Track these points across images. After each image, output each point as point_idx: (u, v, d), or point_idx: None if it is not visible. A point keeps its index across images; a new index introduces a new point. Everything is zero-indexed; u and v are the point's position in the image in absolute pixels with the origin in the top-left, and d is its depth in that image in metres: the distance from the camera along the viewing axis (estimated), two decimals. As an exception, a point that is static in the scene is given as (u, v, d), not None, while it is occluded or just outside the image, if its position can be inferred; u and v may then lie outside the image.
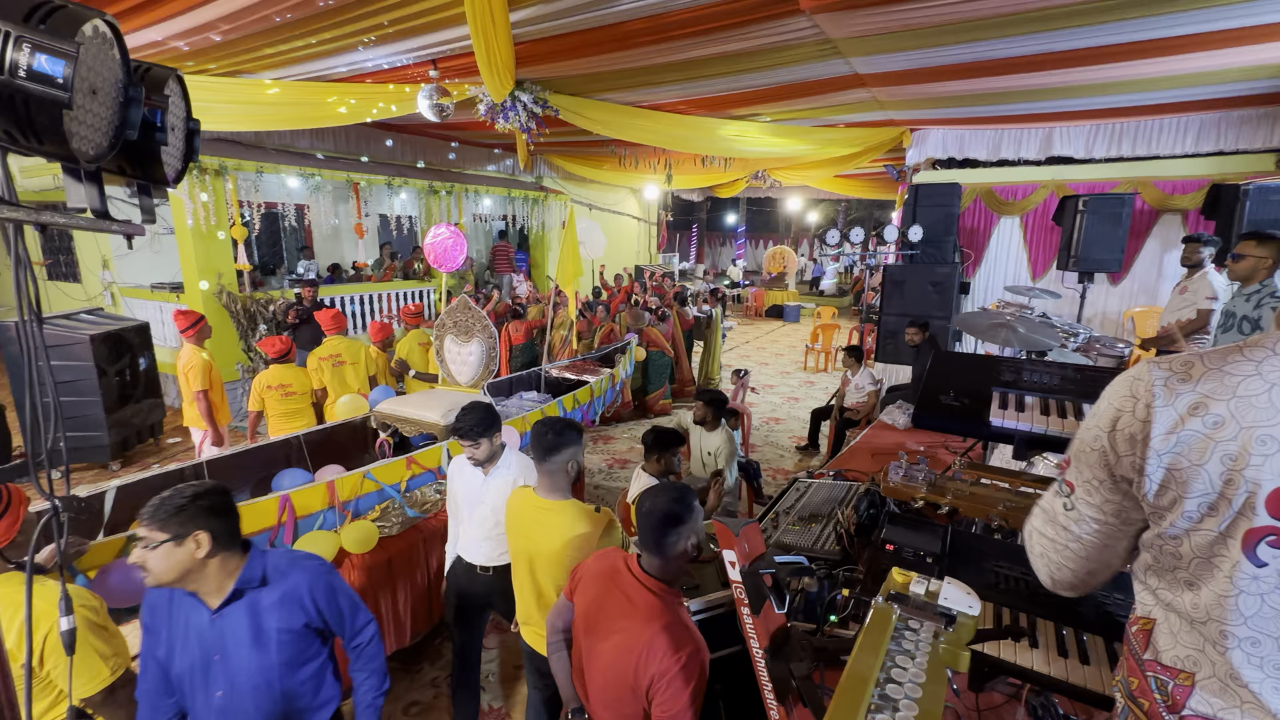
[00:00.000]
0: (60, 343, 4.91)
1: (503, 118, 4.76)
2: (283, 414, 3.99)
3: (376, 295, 8.07)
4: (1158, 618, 0.87)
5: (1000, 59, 3.90)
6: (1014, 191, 6.28)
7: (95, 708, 1.42)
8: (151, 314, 6.90)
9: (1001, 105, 5.24)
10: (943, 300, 5.70)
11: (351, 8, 3.30)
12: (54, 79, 0.74)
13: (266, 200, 7.12)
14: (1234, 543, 0.76)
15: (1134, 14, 3.09)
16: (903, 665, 0.90)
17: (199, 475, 3.00)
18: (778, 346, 11.50)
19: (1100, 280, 5.80)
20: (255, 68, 4.43)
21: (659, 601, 1.40)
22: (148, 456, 5.63)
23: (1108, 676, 1.17)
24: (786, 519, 2.20)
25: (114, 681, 1.40)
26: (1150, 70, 4.04)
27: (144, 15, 3.39)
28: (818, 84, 4.63)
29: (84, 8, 0.80)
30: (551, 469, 1.89)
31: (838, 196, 14.48)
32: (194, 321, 3.95)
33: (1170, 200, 5.59)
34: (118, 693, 1.41)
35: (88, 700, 1.39)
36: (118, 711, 1.43)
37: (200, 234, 6.13)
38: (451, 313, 3.79)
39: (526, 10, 3.30)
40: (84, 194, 0.93)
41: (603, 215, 12.23)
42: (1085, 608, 1.33)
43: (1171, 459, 0.78)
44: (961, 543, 1.61)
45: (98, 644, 1.40)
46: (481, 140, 8.44)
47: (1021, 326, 3.03)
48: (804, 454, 5.91)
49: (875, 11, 3.19)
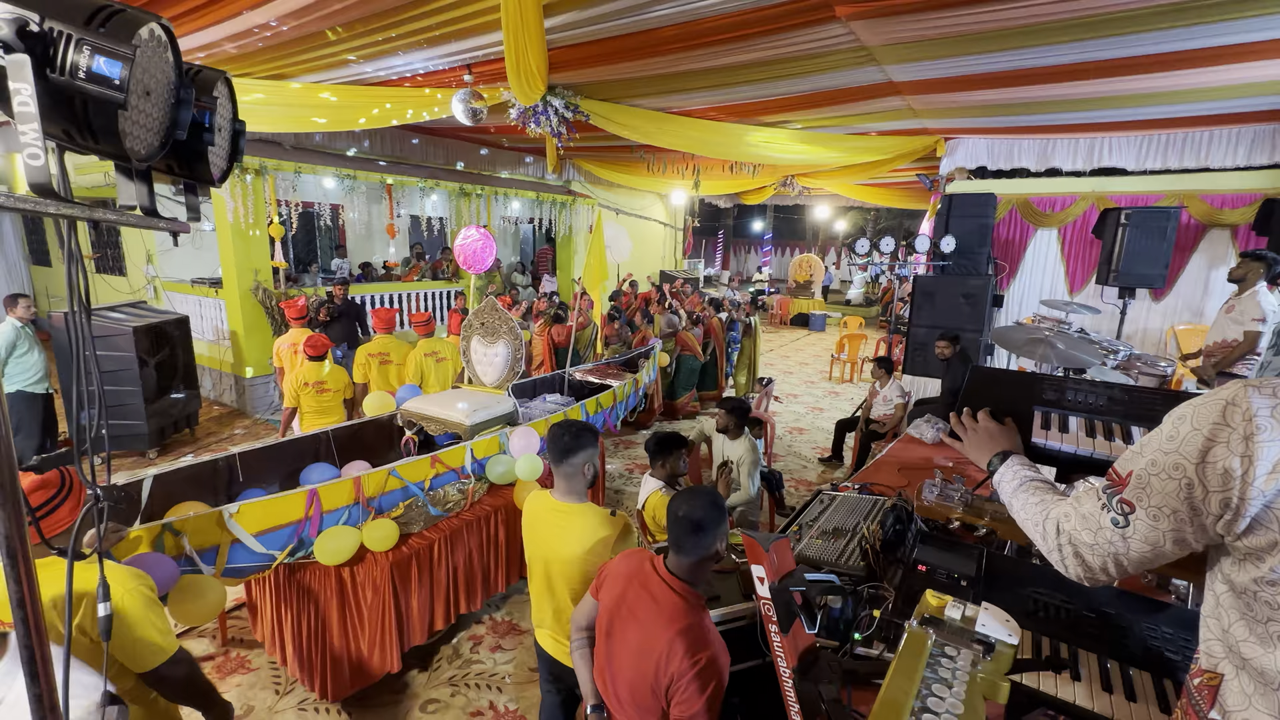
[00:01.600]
0: (105, 334, 5.09)
1: (534, 122, 4.80)
2: (316, 410, 4.06)
3: (405, 295, 8.21)
4: (1226, 673, 0.79)
5: (1039, 68, 3.80)
6: (1052, 203, 6.12)
7: (153, 685, 1.46)
8: (191, 308, 7.13)
9: (1040, 115, 5.10)
10: (975, 313, 5.57)
11: (390, 14, 3.37)
12: (111, 80, 0.75)
13: (303, 200, 7.30)
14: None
15: (1176, 23, 2.98)
16: (939, 694, 0.86)
17: (231, 466, 3.07)
18: (802, 355, 11.37)
19: (1142, 296, 5.60)
20: (296, 71, 4.55)
21: (683, 603, 1.41)
22: (183, 446, 5.80)
23: (1156, 716, 1.11)
24: (809, 532, 2.15)
25: (174, 655, 1.44)
26: (1196, 80, 3.89)
27: (195, 20, 3.50)
28: (851, 91, 4.57)
29: (142, 11, 0.82)
30: (569, 471, 1.89)
31: (867, 205, 14.28)
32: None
33: (1219, 215, 5.38)
34: (174, 667, 1.45)
35: (146, 675, 1.43)
36: (174, 686, 1.47)
37: (239, 231, 6.32)
38: (479, 314, 3.82)
39: (561, 17, 3.32)
40: (134, 192, 0.95)
41: (629, 220, 12.26)
42: (1131, 641, 1.26)
43: (1277, 497, 0.71)
44: (998, 566, 1.55)
45: (158, 620, 1.44)
46: (512, 145, 8.54)
47: (1060, 342, 2.93)
48: (827, 465, 5.82)
49: (913, 19, 3.13)
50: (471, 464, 3.27)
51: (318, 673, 2.66)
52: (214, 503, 2.60)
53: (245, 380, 6.70)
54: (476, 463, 3.30)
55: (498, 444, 3.42)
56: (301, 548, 2.55)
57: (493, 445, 3.39)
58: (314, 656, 2.66)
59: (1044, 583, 1.48)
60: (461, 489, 3.21)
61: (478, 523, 3.16)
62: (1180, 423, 0.80)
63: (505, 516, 3.31)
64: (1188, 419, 0.79)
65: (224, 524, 2.31)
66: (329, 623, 2.65)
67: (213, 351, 7.03)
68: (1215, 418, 0.76)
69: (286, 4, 3.24)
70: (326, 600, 2.64)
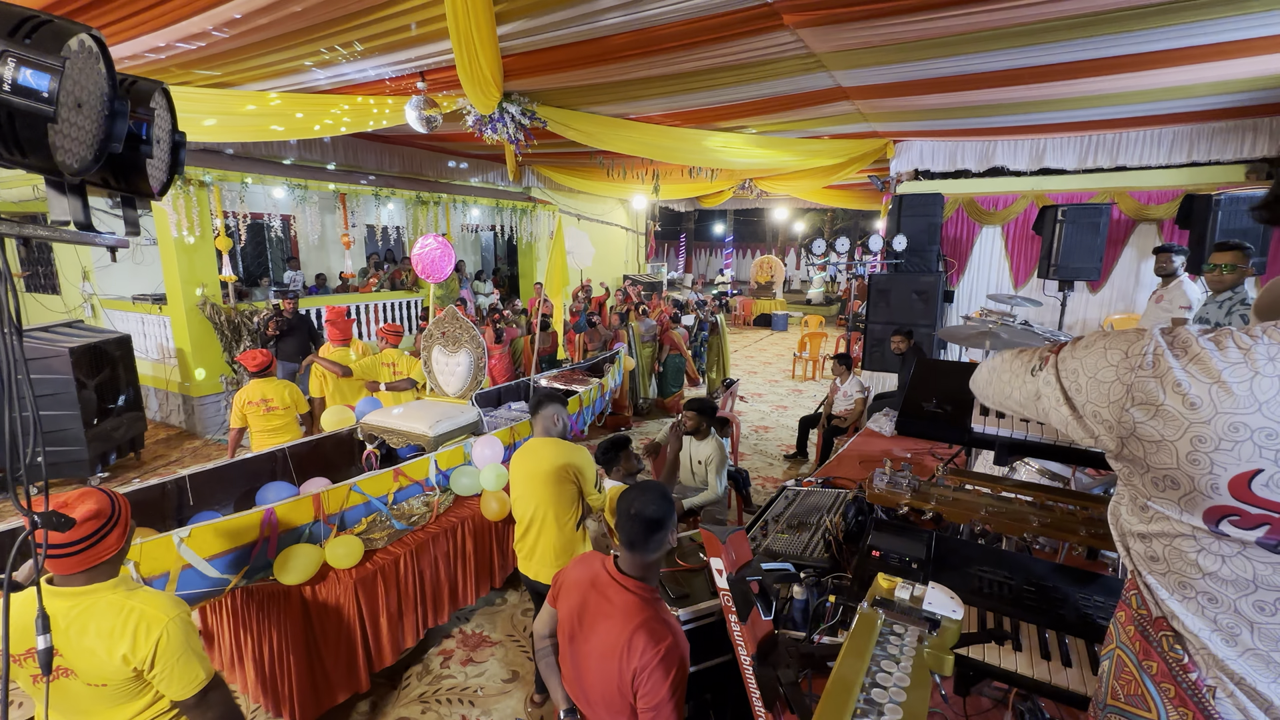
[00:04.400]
0: (39, 355, 4.82)
1: (491, 129, 4.78)
2: (266, 430, 3.78)
3: (362, 306, 8.02)
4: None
5: (980, 73, 3.99)
6: (995, 201, 6.40)
7: (188, 710, 1.45)
8: (133, 326, 6.81)
9: (982, 118, 5.35)
10: (927, 309, 5.79)
11: (337, 22, 3.31)
12: (39, 93, 0.74)
13: (252, 211, 7.07)
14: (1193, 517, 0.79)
15: (1111, 30, 3.18)
16: (888, 670, 0.91)
17: (181, 489, 2.95)
18: (766, 355, 11.57)
19: (1080, 288, 5.92)
20: (240, 80, 4.42)
21: (637, 599, 1.43)
22: (129, 470, 5.53)
23: (1089, 679, 1.18)
24: (775, 527, 2.21)
25: (209, 683, 1.44)
26: (1126, 84, 4.14)
27: (131, 28, 3.37)
28: (802, 97, 4.70)
29: (71, 22, 0.80)
30: (544, 423, 2.56)
31: (824, 206, 14.65)
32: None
33: (1146, 210, 5.73)
34: (209, 695, 1.44)
35: (183, 703, 1.42)
36: (208, 713, 1.45)
37: (184, 245, 6.07)
38: (440, 323, 3.77)
39: (513, 24, 3.33)
40: (67, 206, 0.93)
41: (591, 225, 12.27)
42: (1067, 611, 1.35)
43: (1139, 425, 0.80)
44: (946, 548, 1.63)
45: (197, 645, 1.44)
46: (470, 151, 8.46)
47: (1004, 334, 3.08)
48: (792, 462, 5.94)
49: (859, 26, 3.25)
50: (436, 475, 3.22)
51: (284, 698, 2.57)
52: (163, 528, 2.50)
53: (194, 400, 6.44)
54: (441, 474, 3.25)
55: (462, 454, 3.38)
56: (259, 569, 2.48)
57: (457, 456, 3.35)
58: (278, 681, 2.58)
59: (989, 561, 1.56)
60: (427, 501, 3.17)
61: (444, 535, 3.12)
62: (1095, 352, 0.86)
63: (472, 527, 3.27)
64: (1100, 347, 0.86)
65: (174, 549, 2.22)
66: (293, 645, 2.57)
67: (158, 371, 6.73)
68: (1133, 338, 0.83)
69: (229, 10, 3.15)
70: (289, 622, 2.56)
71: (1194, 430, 0.75)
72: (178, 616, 1.42)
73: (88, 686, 1.38)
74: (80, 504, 1.35)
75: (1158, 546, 0.85)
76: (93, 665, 1.36)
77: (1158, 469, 0.80)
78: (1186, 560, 0.81)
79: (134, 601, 1.39)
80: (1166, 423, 0.77)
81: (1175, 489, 0.79)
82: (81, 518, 1.34)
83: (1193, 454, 0.76)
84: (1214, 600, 0.80)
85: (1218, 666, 0.80)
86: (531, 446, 2.56)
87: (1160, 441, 0.78)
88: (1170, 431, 0.77)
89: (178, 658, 1.39)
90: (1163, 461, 0.79)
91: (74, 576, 1.36)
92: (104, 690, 1.38)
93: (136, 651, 1.35)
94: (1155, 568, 0.86)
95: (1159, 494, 0.82)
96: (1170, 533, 0.83)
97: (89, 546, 1.34)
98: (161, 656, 1.37)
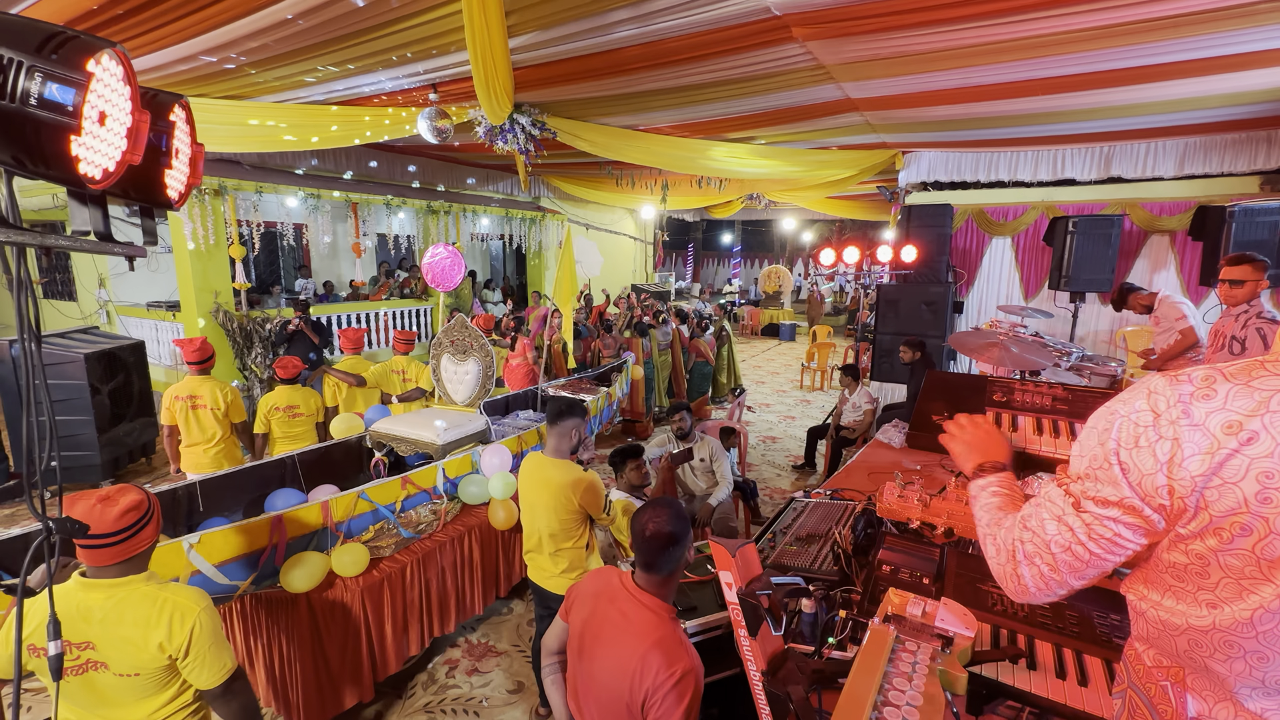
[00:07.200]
0: (54, 361, 4.89)
1: (501, 140, 4.83)
2: (289, 436, 3.91)
3: (371, 314, 8.08)
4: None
5: (991, 84, 3.98)
6: (1005, 212, 6.37)
7: (213, 700, 1.51)
8: (147, 333, 6.90)
9: (992, 129, 5.34)
10: (936, 319, 5.76)
11: (355, 36, 3.37)
12: (64, 107, 0.76)
13: (265, 219, 7.16)
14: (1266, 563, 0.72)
15: (1123, 43, 3.17)
16: (900, 687, 0.89)
17: (191, 495, 2.97)
18: (774, 365, 11.53)
19: (1092, 300, 5.86)
20: (257, 92, 4.49)
21: (654, 617, 1.40)
22: (140, 476, 5.58)
23: (1106, 700, 1.16)
24: (784, 539, 2.19)
25: (234, 672, 1.50)
26: (1139, 96, 4.12)
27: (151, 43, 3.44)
28: (810, 108, 4.71)
29: (95, 38, 0.82)
30: (559, 432, 2.46)
31: (832, 217, 14.65)
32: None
33: (1158, 222, 5.68)
34: (234, 684, 1.50)
35: (209, 692, 1.48)
36: (232, 702, 1.51)
37: (198, 253, 6.16)
38: (449, 331, 3.79)
39: (525, 37, 3.37)
40: (88, 217, 0.95)
41: (599, 235, 12.33)
42: (1084, 628, 1.32)
43: (1205, 480, 0.73)
44: (958, 563, 1.61)
45: (223, 636, 1.50)
46: (480, 161, 8.54)
47: (1014, 345, 3.05)
48: (800, 473, 5.90)
49: (868, 39, 3.26)
50: (444, 484, 3.22)
51: (294, 705, 2.57)
52: (173, 534, 2.51)
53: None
54: (449, 482, 3.25)
55: (470, 462, 3.38)
56: (266, 576, 2.48)
57: (465, 464, 3.35)
58: (287, 687, 2.58)
59: (1003, 578, 1.53)
60: (434, 510, 3.17)
61: (451, 544, 3.12)
62: (1103, 418, 0.83)
63: (479, 536, 3.27)
64: (1116, 412, 0.82)
65: (184, 555, 2.23)
66: (300, 651, 2.57)
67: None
68: (1144, 406, 0.78)
69: (247, 26, 3.21)
70: (296, 628, 2.57)
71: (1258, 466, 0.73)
72: (208, 606, 1.47)
73: (118, 678, 1.41)
74: (122, 496, 1.41)
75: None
76: (127, 655, 1.39)
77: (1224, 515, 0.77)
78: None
79: (166, 593, 1.44)
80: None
81: (1246, 536, 0.75)
82: (123, 509, 1.39)
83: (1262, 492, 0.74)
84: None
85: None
86: (540, 464, 2.48)
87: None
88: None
89: (209, 645, 1.44)
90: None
91: (109, 569, 1.40)
92: (134, 681, 1.42)
93: (172, 639, 1.40)
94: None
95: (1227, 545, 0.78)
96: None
97: (129, 536, 1.39)
98: (195, 644, 1.42)
